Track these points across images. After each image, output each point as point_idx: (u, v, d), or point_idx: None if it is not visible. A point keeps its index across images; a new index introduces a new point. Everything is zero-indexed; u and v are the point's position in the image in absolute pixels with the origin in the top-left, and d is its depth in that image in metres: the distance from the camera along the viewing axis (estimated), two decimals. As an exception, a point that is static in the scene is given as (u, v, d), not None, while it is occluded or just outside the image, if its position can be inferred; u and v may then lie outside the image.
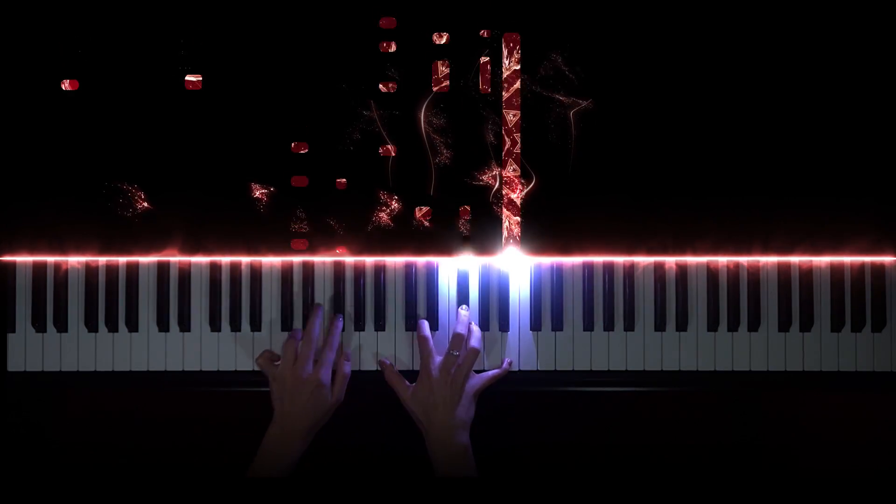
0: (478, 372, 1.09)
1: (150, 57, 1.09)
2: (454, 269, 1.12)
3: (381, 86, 1.09)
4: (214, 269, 1.12)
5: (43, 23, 1.08)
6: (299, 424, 1.04)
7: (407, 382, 1.08)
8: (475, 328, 1.09)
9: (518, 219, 1.10)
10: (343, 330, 1.12)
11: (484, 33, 1.08)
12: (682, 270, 1.11)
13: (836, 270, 1.11)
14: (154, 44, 1.09)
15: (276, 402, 1.06)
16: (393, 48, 1.09)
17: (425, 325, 1.10)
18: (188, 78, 1.09)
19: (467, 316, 1.10)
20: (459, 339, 1.07)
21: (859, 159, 1.09)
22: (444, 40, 1.08)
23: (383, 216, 1.10)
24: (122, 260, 1.12)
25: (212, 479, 1.09)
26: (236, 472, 1.23)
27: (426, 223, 1.10)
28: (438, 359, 1.07)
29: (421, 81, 1.09)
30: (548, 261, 1.11)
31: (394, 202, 1.10)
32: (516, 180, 1.10)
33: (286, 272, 1.12)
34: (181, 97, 1.09)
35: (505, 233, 1.10)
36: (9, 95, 1.09)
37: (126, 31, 1.09)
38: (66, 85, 1.09)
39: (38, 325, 1.11)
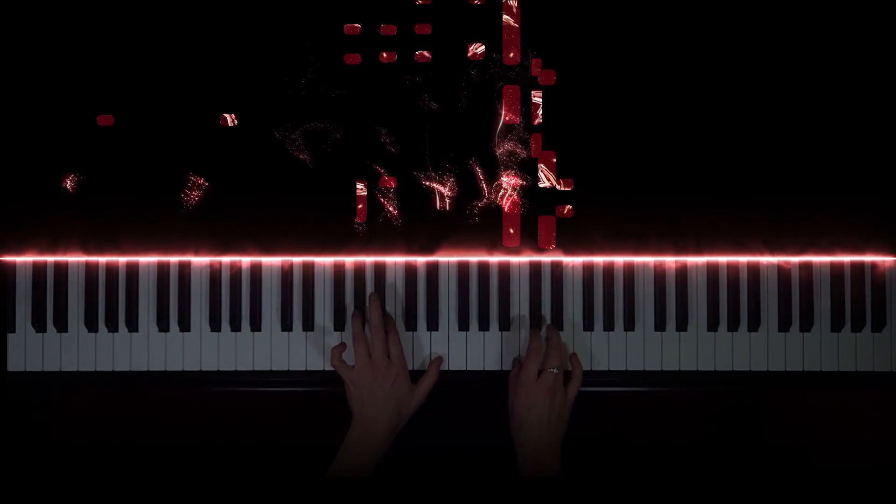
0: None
1: (149, 57, 1.09)
2: (455, 269, 1.12)
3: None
4: (214, 268, 1.12)
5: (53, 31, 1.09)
6: (381, 424, 1.01)
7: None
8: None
9: (519, 219, 1.10)
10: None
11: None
12: (682, 270, 1.11)
13: (836, 270, 1.11)
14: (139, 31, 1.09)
15: (354, 405, 1.03)
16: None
17: (541, 330, 1.08)
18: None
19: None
20: (559, 356, 1.04)
21: (859, 159, 1.09)
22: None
23: (391, 219, 1.10)
24: (122, 260, 1.12)
25: (222, 480, 1.09)
26: (235, 471, 1.23)
27: (428, 223, 1.10)
28: (532, 370, 1.04)
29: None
30: (548, 260, 1.11)
31: (395, 200, 1.10)
32: (516, 181, 1.10)
33: (286, 272, 1.12)
34: (182, 97, 1.09)
35: (506, 233, 1.10)
36: (9, 95, 1.09)
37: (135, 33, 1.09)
38: (64, 84, 1.09)
39: (38, 325, 1.11)
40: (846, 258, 1.11)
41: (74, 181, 1.09)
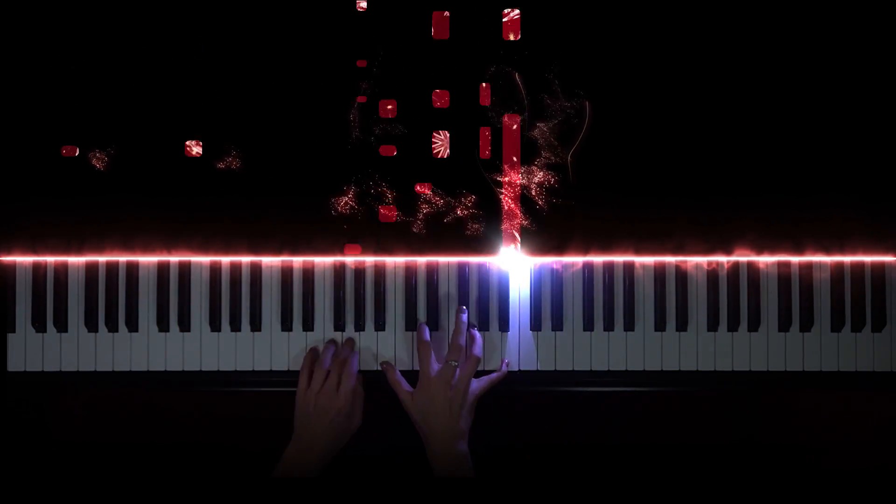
0: (477, 375, 1.08)
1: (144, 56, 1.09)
2: (454, 270, 1.12)
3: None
4: (214, 269, 1.12)
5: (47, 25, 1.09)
6: (318, 448, 1.04)
7: (407, 386, 1.08)
8: (477, 335, 1.08)
9: (518, 219, 1.10)
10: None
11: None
12: (682, 270, 1.11)
13: (836, 270, 1.11)
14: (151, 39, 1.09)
15: (296, 422, 1.06)
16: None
17: (426, 329, 1.09)
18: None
19: (465, 320, 1.09)
20: (458, 348, 1.06)
21: (859, 159, 1.09)
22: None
23: (384, 216, 1.10)
24: (122, 260, 1.12)
25: (210, 480, 1.09)
26: (237, 471, 1.23)
27: (428, 224, 1.10)
28: (437, 366, 1.06)
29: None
30: (548, 261, 1.11)
31: (394, 201, 1.10)
32: (516, 181, 1.10)
33: (286, 273, 1.12)
34: (183, 93, 1.09)
35: (505, 233, 1.10)
36: (9, 95, 1.09)
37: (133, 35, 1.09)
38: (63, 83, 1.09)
39: (38, 325, 1.11)
40: (846, 258, 1.11)
41: (76, 181, 1.09)
